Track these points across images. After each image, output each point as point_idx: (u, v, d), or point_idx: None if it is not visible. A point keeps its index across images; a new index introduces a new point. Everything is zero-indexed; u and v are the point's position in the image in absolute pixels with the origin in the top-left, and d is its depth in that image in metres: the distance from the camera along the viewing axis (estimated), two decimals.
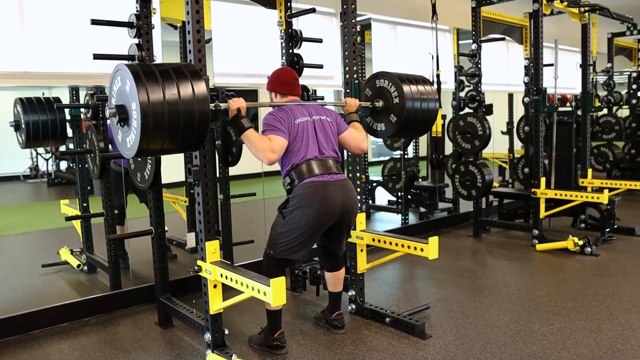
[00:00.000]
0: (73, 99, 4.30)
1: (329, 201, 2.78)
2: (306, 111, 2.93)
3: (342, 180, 2.89)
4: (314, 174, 2.81)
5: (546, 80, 5.51)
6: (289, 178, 2.87)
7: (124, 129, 2.34)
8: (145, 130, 2.19)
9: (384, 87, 3.29)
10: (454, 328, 3.19)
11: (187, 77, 2.32)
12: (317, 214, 2.76)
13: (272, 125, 2.80)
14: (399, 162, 6.02)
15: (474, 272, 4.35)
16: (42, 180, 9.18)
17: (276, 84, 3.04)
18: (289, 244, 2.83)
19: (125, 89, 2.27)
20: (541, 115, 5.06)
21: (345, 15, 3.28)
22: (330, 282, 3.20)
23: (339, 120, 3.05)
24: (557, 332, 3.09)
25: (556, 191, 5.02)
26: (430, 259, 2.98)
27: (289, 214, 2.82)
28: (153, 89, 2.20)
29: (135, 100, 2.17)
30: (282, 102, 2.96)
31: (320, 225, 2.81)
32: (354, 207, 2.95)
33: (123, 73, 2.28)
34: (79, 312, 3.50)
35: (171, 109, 2.22)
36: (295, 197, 2.81)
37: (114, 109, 2.31)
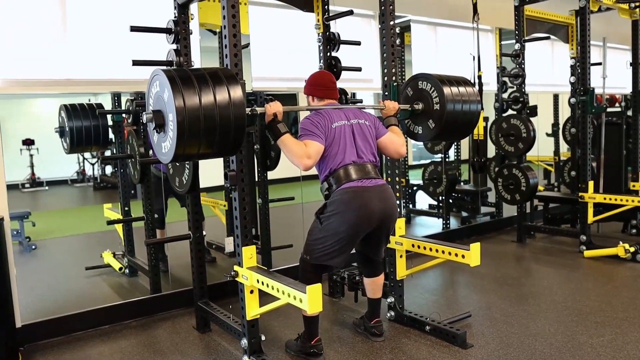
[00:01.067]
0: (115, 104, 4.38)
1: (368, 207, 2.71)
2: (344, 115, 2.88)
3: (381, 186, 2.82)
4: (352, 179, 2.75)
5: (594, 80, 5.31)
6: (327, 183, 2.83)
7: (160, 134, 2.35)
8: (181, 135, 2.19)
9: (423, 89, 3.23)
10: (496, 338, 3.08)
11: (223, 81, 2.31)
12: (356, 220, 2.70)
13: (309, 129, 2.76)
14: (439, 165, 5.90)
15: (517, 279, 4.21)
16: (88, 184, 9.42)
17: (313, 87, 3.00)
18: (326, 250, 2.77)
19: (162, 94, 2.28)
20: (588, 116, 4.87)
21: (384, 16, 3.22)
22: (369, 289, 3.14)
23: (377, 124, 2.99)
24: (607, 344, 2.95)
25: (605, 195, 4.82)
26: (471, 266, 2.89)
27: (326, 219, 2.77)
28: (189, 94, 2.20)
29: (172, 105, 2.18)
30: (319, 106, 2.92)
31: (358, 232, 2.75)
32: (394, 213, 2.88)
33: (160, 78, 2.29)
34: (120, 314, 3.55)
35: (207, 114, 2.22)
36: (333, 203, 2.76)
37: (151, 115, 2.32)
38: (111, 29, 3.60)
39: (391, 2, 3.20)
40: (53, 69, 3.44)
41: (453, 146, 6.26)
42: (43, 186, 8.99)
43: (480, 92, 4.65)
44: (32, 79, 3.36)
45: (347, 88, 3.56)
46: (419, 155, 10.66)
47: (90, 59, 3.57)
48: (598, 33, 5.51)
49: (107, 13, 3.60)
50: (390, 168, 3.33)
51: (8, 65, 3.21)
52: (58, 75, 3.47)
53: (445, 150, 5.88)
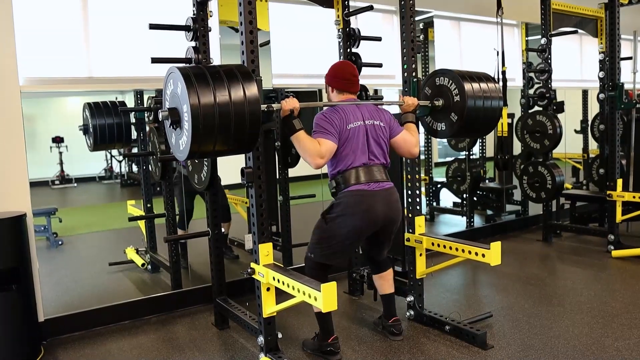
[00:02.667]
0: (138, 102, 4.43)
1: (373, 212, 2.74)
2: (360, 114, 2.84)
3: (387, 190, 2.82)
4: (360, 182, 2.76)
5: (624, 75, 5.16)
6: (335, 182, 2.83)
7: (176, 131, 2.36)
8: (196, 132, 2.19)
9: (444, 85, 3.18)
10: (518, 339, 3.02)
11: (238, 78, 2.31)
12: (360, 224, 2.74)
13: (323, 127, 2.74)
14: (463, 162, 5.82)
15: (542, 279, 4.11)
16: (115, 181, 9.58)
17: (334, 79, 2.95)
18: (329, 250, 2.81)
19: (177, 91, 2.28)
20: (617, 112, 4.74)
21: (403, 11, 3.18)
22: (378, 284, 3.15)
23: (392, 123, 2.95)
24: (633, 347, 2.86)
25: (634, 194, 4.68)
26: (492, 265, 2.83)
27: (331, 220, 2.78)
28: (203, 91, 2.20)
29: (186, 102, 2.18)
30: (336, 102, 2.89)
31: (361, 235, 2.80)
32: (397, 218, 2.88)
33: (175, 76, 2.30)
34: (141, 310, 3.59)
35: (222, 110, 2.22)
36: (339, 204, 2.77)
37: (167, 112, 2.34)
38: (133, 26, 3.63)
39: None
40: (76, 67, 3.48)
41: (478, 143, 6.16)
42: (72, 183, 9.17)
43: (504, 88, 4.56)
44: (54, 77, 3.40)
45: (368, 84, 3.52)
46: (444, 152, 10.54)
47: (113, 56, 3.60)
48: (629, 26, 5.37)
49: (128, 10, 3.63)
50: (411, 166, 3.29)
51: (31, 63, 3.25)
52: (81, 73, 3.51)
53: (469, 148, 5.79)
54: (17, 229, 2.97)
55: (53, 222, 5.66)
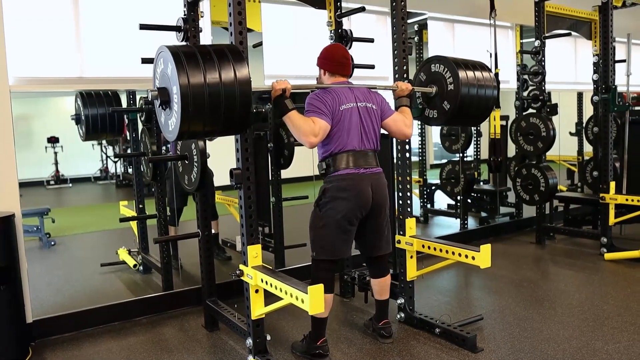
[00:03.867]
0: (130, 102, 4.41)
1: (363, 195, 2.75)
2: (352, 96, 2.82)
3: (376, 174, 2.83)
4: (350, 166, 2.76)
5: (618, 78, 5.16)
6: (325, 164, 2.82)
7: (166, 111, 2.37)
8: (185, 113, 2.20)
9: (438, 71, 3.16)
10: (508, 342, 3.01)
11: (229, 58, 2.31)
12: (351, 206, 2.73)
13: (316, 106, 2.72)
14: (457, 165, 5.81)
15: (534, 281, 4.11)
16: (111, 182, 9.58)
17: (326, 61, 2.93)
18: (328, 240, 2.78)
19: (167, 71, 2.29)
20: (611, 115, 4.74)
21: (395, 12, 3.17)
22: (376, 289, 3.10)
23: (384, 105, 2.94)
24: (623, 351, 2.85)
25: (627, 196, 4.68)
26: (481, 267, 2.82)
27: (324, 205, 2.77)
28: (193, 71, 2.20)
29: (176, 83, 2.19)
30: (329, 85, 2.86)
31: (353, 217, 2.76)
32: (385, 203, 2.87)
33: (165, 55, 2.30)
34: (131, 311, 3.57)
35: (212, 91, 2.22)
36: (330, 189, 2.77)
37: (156, 92, 2.34)
38: (125, 26, 3.61)
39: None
40: (66, 67, 3.46)
41: (472, 145, 6.15)
42: (67, 183, 9.17)
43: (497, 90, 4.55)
44: (45, 77, 3.39)
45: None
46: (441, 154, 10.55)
47: (105, 56, 3.59)
48: (623, 29, 5.37)
49: (120, 10, 3.62)
50: (401, 167, 3.28)
51: (21, 63, 3.24)
52: (72, 73, 3.49)
53: (463, 149, 5.79)
54: (6, 229, 2.95)
55: (46, 222, 5.64)
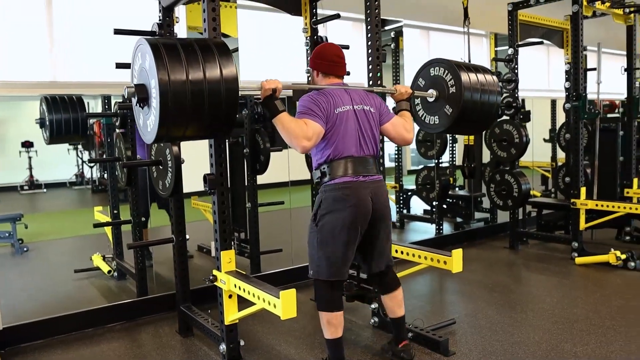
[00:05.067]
0: (105, 107, 4.38)
1: (362, 204, 2.55)
2: (349, 98, 2.64)
3: (376, 182, 2.63)
4: (348, 174, 2.55)
5: (590, 86, 5.28)
6: (320, 172, 2.61)
7: (144, 110, 2.21)
8: (165, 110, 2.04)
9: (439, 75, 3.05)
10: (479, 345, 3.05)
11: (214, 52, 2.17)
12: (351, 218, 2.52)
13: (310, 108, 2.52)
14: (433, 170, 5.87)
15: (507, 286, 4.17)
16: (86, 187, 9.45)
17: (318, 61, 2.75)
18: (329, 257, 2.55)
19: (145, 65, 2.13)
20: (581, 122, 4.84)
21: (369, 20, 3.21)
22: (388, 306, 2.84)
23: (382, 109, 2.77)
24: (591, 353, 2.91)
25: (597, 202, 4.79)
26: (453, 272, 2.86)
27: (321, 218, 2.56)
28: (174, 65, 2.04)
29: (154, 77, 2.03)
30: (323, 86, 2.68)
31: (354, 230, 2.55)
32: (386, 213, 2.69)
33: (143, 48, 2.14)
34: (104, 318, 3.54)
35: (195, 88, 2.06)
36: (326, 199, 2.56)
37: (133, 88, 2.18)
38: (99, 31, 3.60)
39: (377, 6, 3.18)
40: (39, 71, 3.44)
41: (447, 151, 6.23)
42: (41, 188, 9.02)
43: None
44: (17, 81, 3.36)
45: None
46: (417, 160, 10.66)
47: (78, 61, 3.58)
48: (594, 38, 5.49)
49: (94, 15, 3.61)
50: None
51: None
52: (44, 77, 3.47)
53: (438, 155, 5.86)
54: None
55: (19, 228, 5.56)
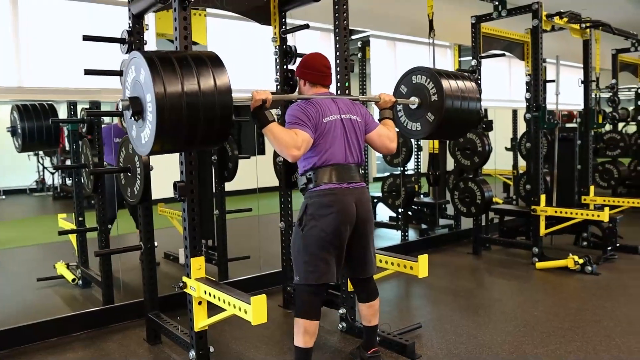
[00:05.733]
0: (70, 114, 4.33)
1: (347, 210, 2.59)
2: (336, 108, 2.70)
3: (359, 189, 2.68)
4: (333, 181, 2.61)
5: (550, 97, 5.47)
6: (306, 178, 2.67)
7: (138, 123, 2.21)
8: (161, 124, 2.04)
9: (420, 82, 3.12)
10: (445, 348, 3.13)
11: (207, 64, 2.18)
12: (335, 223, 2.56)
13: (298, 117, 2.58)
14: (398, 178, 5.98)
15: (470, 290, 4.28)
16: (48, 194, 9.25)
17: (305, 70, 2.80)
18: (313, 262, 2.57)
19: (140, 78, 2.13)
20: (541, 132, 5.01)
21: (338, 30, 3.27)
22: (364, 314, 2.89)
23: (367, 118, 2.83)
24: (550, 353, 3.02)
25: (556, 208, 4.96)
26: (419, 277, 2.93)
27: (307, 223, 2.59)
28: (170, 77, 2.05)
29: (151, 91, 2.04)
30: (311, 95, 2.74)
31: (339, 236, 2.58)
32: (369, 218, 2.73)
33: (138, 61, 2.15)
34: (69, 327, 3.48)
35: (190, 101, 2.08)
36: (312, 205, 2.60)
37: (127, 102, 2.18)
38: (67, 37, 3.58)
39: (345, 17, 3.25)
40: (4, 77, 3.38)
41: (412, 158, 6.35)
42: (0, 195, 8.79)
43: None
44: None
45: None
46: (383, 168, 10.82)
47: (45, 67, 3.54)
48: (554, 51, 5.69)
49: (62, 21, 3.58)
50: None
51: None
52: (10, 82, 3.42)
53: (404, 163, 5.96)
54: None
55: None
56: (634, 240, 5.44)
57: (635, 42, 6.93)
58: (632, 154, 7.52)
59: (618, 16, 7.77)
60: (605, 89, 7.04)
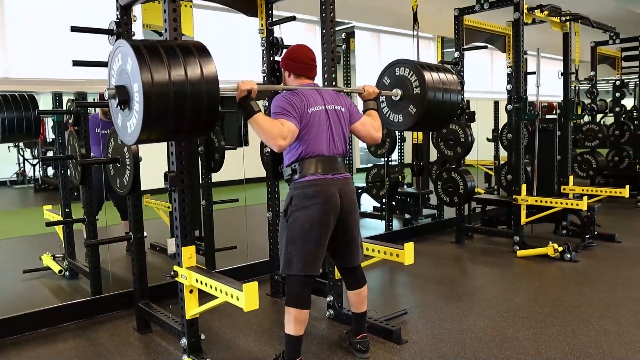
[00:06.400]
0: (56, 104, 4.32)
1: (331, 200, 2.64)
2: (320, 98, 2.74)
3: (343, 179, 2.73)
4: (318, 172, 2.65)
5: (530, 88, 5.58)
6: (291, 169, 2.71)
7: (124, 112, 2.21)
8: (148, 113, 2.04)
9: (403, 75, 3.16)
10: (430, 333, 3.22)
11: (194, 54, 2.19)
12: (320, 214, 2.61)
13: (284, 108, 2.60)
14: (382, 168, 6.05)
15: (454, 278, 4.38)
16: (29, 186, 9.16)
17: (290, 62, 2.82)
18: (301, 253, 2.63)
19: (126, 67, 2.13)
20: (522, 123, 5.12)
21: (325, 23, 3.31)
22: (353, 301, 2.95)
23: (352, 108, 2.87)
24: (531, 337, 3.13)
25: (536, 198, 5.08)
26: (405, 264, 3.01)
27: (292, 214, 2.65)
28: (156, 63, 2.05)
29: (138, 80, 2.04)
30: (297, 87, 2.76)
31: (324, 226, 2.63)
32: (354, 209, 2.78)
33: (124, 50, 2.15)
34: (58, 317, 3.50)
35: (177, 90, 2.08)
36: (297, 196, 2.65)
37: (114, 90, 2.18)
38: (54, 28, 3.56)
39: (332, 9, 3.29)
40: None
41: (396, 149, 6.42)
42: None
43: None
44: None
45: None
46: (366, 159, 10.90)
47: (31, 58, 3.52)
48: (534, 44, 5.79)
49: (48, 11, 3.56)
50: None
51: None
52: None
53: (387, 154, 6.04)
54: None
55: None
56: (611, 229, 5.60)
57: (613, 35, 7.08)
58: (610, 144, 7.69)
59: (597, 9, 7.91)
60: (584, 81, 7.18)
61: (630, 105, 8.51)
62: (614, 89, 7.76)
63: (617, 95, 7.65)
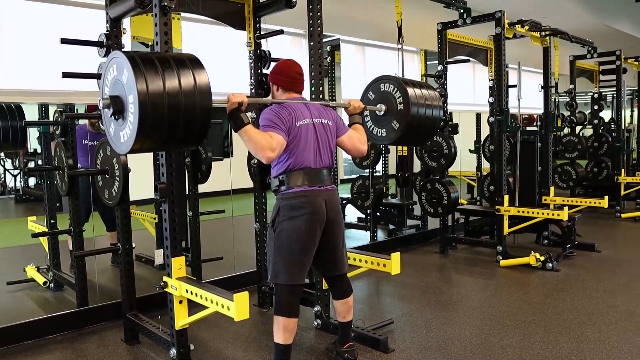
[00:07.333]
0: (42, 116, 4.31)
1: (318, 211, 2.69)
2: (308, 112, 2.80)
3: (329, 191, 2.80)
4: (305, 184, 2.71)
5: (512, 101, 5.69)
6: (278, 181, 2.76)
7: (117, 122, 2.24)
8: (142, 124, 2.07)
9: (387, 91, 3.24)
10: (416, 342, 3.27)
11: (187, 65, 2.23)
12: (307, 225, 2.67)
13: (272, 121, 2.66)
14: (367, 179, 6.12)
15: (439, 287, 4.44)
16: (9, 197, 9.07)
17: (279, 76, 2.89)
18: (288, 263, 2.68)
19: (122, 78, 2.16)
20: (504, 135, 5.22)
21: (312, 36, 3.37)
22: (340, 311, 3.00)
23: (339, 122, 2.94)
24: (515, 345, 3.19)
25: (518, 208, 5.17)
26: (392, 274, 3.06)
27: (279, 225, 2.70)
28: (151, 74, 2.09)
29: (133, 91, 2.07)
30: (285, 100, 2.82)
31: (311, 236, 2.69)
32: (339, 219, 2.84)
33: (119, 61, 2.18)
34: (44, 329, 3.48)
35: (171, 101, 2.12)
36: (284, 207, 2.71)
37: (108, 100, 2.20)
38: (40, 40, 3.57)
39: (319, 24, 3.35)
40: None
41: (381, 161, 6.49)
42: None
43: None
44: None
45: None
46: (350, 170, 10.97)
47: (17, 69, 3.53)
48: (515, 58, 5.93)
49: (38, 23, 3.57)
50: None
51: None
52: None
53: (372, 165, 6.10)
54: None
55: None
56: (591, 239, 5.73)
57: (591, 50, 7.27)
58: (589, 156, 7.85)
59: (575, 25, 8.10)
60: (564, 93, 7.35)
61: (608, 117, 8.74)
62: (592, 102, 7.94)
63: (596, 107, 7.84)
